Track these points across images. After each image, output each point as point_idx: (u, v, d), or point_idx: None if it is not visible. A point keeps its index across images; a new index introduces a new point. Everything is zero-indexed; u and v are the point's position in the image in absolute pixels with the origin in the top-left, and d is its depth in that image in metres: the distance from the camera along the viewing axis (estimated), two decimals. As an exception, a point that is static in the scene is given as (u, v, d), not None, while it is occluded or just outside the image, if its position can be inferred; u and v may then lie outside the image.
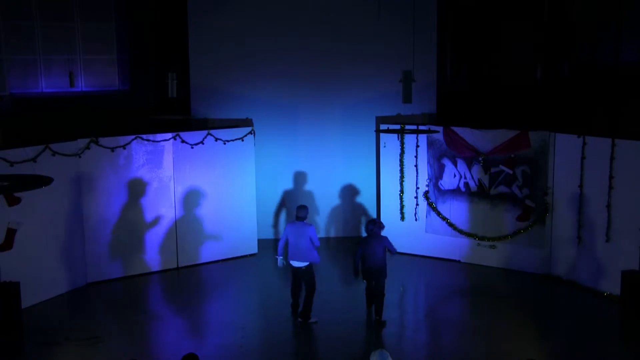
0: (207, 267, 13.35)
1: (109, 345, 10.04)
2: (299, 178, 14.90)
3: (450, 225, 13.36)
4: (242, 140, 13.58)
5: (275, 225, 14.88)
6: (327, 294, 11.96)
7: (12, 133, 12.84)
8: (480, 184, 13.00)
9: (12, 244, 10.96)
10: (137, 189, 12.66)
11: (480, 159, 12.87)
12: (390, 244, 10.77)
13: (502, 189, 12.81)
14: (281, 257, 10.88)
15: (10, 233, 10.94)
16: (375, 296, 10.77)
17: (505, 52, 14.56)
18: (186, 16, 14.35)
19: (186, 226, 13.20)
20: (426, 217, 13.63)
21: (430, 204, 13.53)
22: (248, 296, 12.16)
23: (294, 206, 11.89)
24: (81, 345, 10.00)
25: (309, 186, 14.90)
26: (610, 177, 11.32)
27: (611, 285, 11.23)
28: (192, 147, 13.07)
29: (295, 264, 10.66)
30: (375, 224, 10.77)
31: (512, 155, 12.59)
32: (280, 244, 10.89)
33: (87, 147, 12.09)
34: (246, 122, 14.18)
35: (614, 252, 11.31)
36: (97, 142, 12.18)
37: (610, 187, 11.34)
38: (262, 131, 14.29)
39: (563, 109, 13.52)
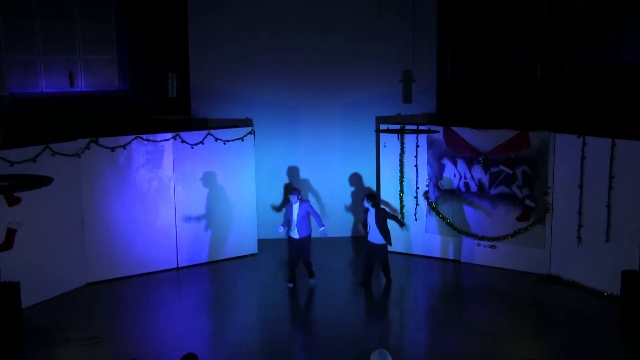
0: (207, 267, 13.35)
1: (109, 345, 10.04)
2: (299, 178, 14.90)
3: (450, 225, 13.37)
4: (242, 140, 13.58)
5: (275, 225, 14.84)
6: (326, 293, 11.97)
7: (12, 133, 12.84)
8: (480, 184, 13.01)
9: (12, 244, 10.97)
10: (137, 189, 12.66)
11: (480, 159, 12.87)
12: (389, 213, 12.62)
13: (502, 189, 12.81)
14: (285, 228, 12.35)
15: (10, 233, 10.94)
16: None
17: (505, 52, 14.55)
18: (186, 16, 14.35)
19: (186, 226, 13.20)
20: (426, 217, 13.63)
21: (430, 204, 13.53)
22: (248, 296, 12.16)
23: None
24: (81, 345, 10.00)
25: (308, 186, 14.89)
26: (610, 177, 11.31)
27: (611, 285, 11.22)
28: (192, 147, 13.07)
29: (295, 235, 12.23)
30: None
31: (512, 155, 12.59)
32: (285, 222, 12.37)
33: (87, 147, 12.09)
34: (246, 122, 14.18)
35: (614, 252, 11.30)
36: (97, 142, 12.19)
37: (610, 187, 11.33)
38: (262, 131, 14.29)
39: (563, 109, 13.51)
